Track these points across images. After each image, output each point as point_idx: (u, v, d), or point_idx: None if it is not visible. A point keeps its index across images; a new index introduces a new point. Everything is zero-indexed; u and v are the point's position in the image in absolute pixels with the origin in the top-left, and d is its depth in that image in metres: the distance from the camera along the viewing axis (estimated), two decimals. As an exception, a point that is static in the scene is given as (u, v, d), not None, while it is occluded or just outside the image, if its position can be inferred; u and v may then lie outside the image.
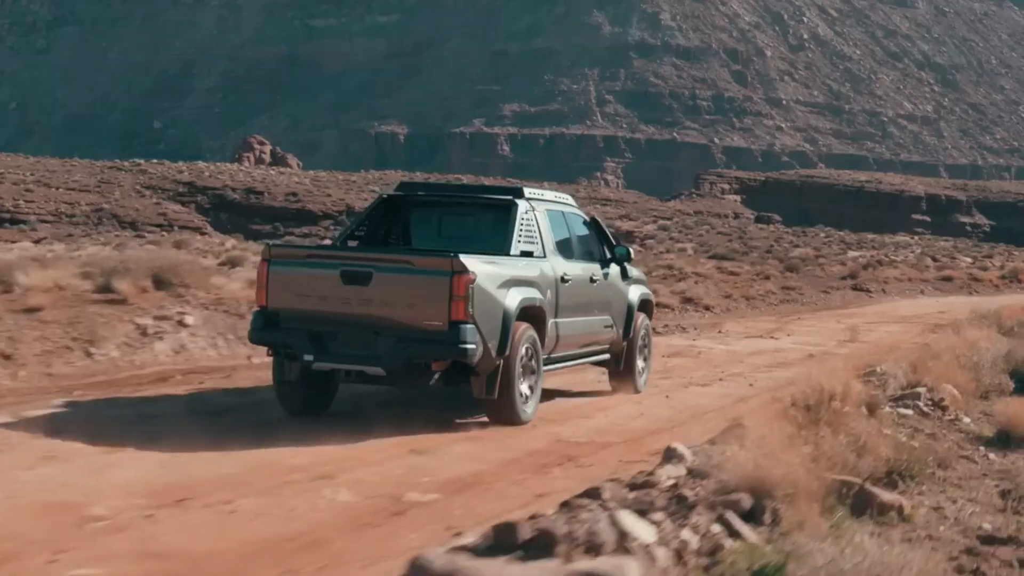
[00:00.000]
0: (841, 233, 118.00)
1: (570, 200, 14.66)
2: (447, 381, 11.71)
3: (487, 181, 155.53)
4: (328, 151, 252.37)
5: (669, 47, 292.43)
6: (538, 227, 12.98)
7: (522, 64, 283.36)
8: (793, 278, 47.21)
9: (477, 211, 13.78)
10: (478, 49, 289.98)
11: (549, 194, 14.16)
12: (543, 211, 13.29)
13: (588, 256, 14.17)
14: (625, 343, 14.79)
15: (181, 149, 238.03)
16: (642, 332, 15.20)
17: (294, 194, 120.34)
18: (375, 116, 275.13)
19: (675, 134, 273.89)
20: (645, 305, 15.59)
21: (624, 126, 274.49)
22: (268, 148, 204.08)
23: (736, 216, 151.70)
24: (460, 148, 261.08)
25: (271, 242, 16.27)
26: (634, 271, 15.42)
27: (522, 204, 12.94)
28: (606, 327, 14.37)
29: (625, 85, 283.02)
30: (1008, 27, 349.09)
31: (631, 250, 15.09)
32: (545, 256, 12.86)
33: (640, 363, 15.24)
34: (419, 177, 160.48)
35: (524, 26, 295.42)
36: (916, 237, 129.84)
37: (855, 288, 47.03)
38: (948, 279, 56.17)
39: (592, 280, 13.89)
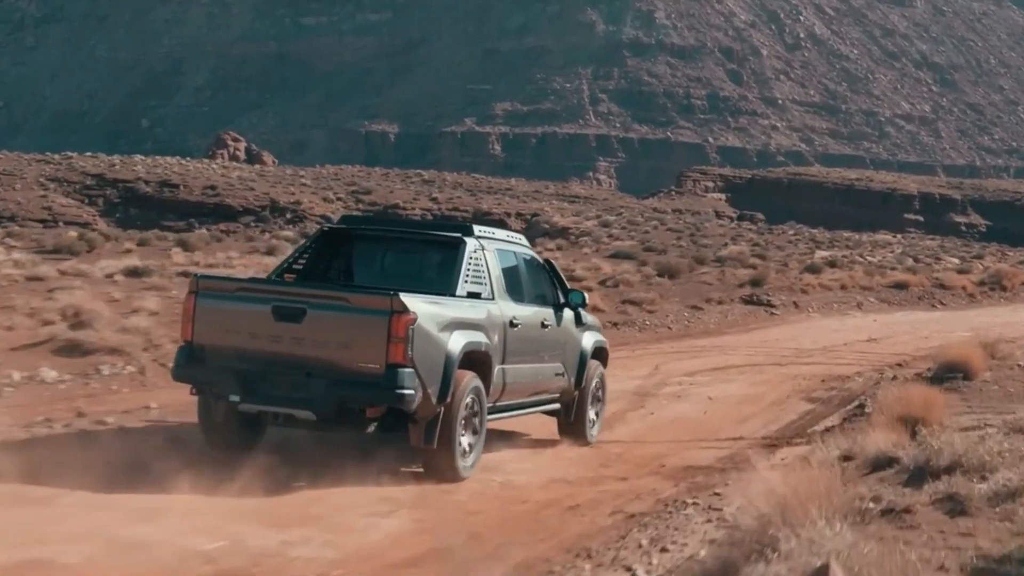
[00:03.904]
0: (814, 231, 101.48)
1: (523, 240, 13.48)
2: (383, 428, 10.61)
3: (478, 179, 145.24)
4: (317, 150, 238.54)
5: (663, 45, 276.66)
6: (487, 267, 11.85)
7: (514, 62, 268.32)
8: (662, 287, 30.40)
9: (423, 248, 12.64)
10: (470, 47, 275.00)
11: (501, 233, 13.03)
12: (493, 251, 12.13)
13: (540, 300, 12.91)
14: (577, 392, 13.43)
15: (168, 147, 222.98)
16: (595, 381, 13.87)
17: (212, 187, 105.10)
18: (365, 115, 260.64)
19: (669, 134, 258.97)
20: (599, 353, 14.12)
21: (617, 125, 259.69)
22: (243, 145, 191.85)
23: (718, 215, 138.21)
24: (451, 147, 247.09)
25: (199, 273, 13.00)
26: (588, 317, 14.04)
27: (471, 243, 11.85)
28: (557, 375, 13.07)
29: (619, 84, 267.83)
30: (1007, 27, 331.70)
31: (586, 296, 13.83)
32: (493, 298, 11.74)
33: (592, 414, 13.81)
34: (376, 173, 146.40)
35: (516, 24, 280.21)
36: (899, 236, 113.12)
37: (750, 301, 30.20)
38: (901, 286, 38.92)
39: (544, 325, 12.69)
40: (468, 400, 10.76)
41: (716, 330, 26.46)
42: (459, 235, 11.96)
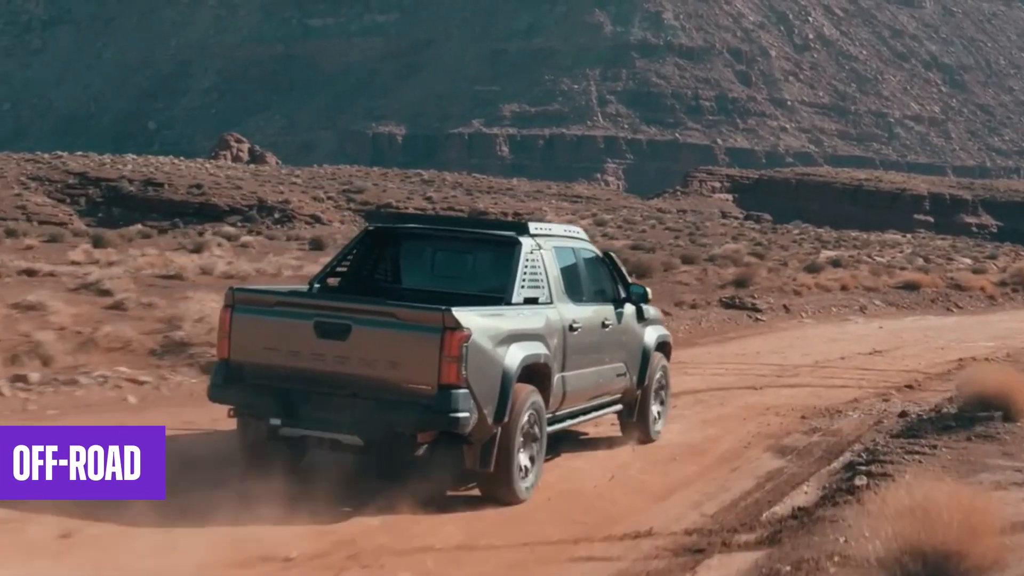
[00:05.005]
0: (820, 230, 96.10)
1: (581, 234, 12.26)
2: (436, 450, 9.39)
3: (483, 178, 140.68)
4: (324, 152, 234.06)
5: (672, 47, 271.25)
6: (544, 269, 10.76)
7: (522, 64, 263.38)
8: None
9: (476, 248, 11.46)
10: (477, 48, 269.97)
11: (557, 228, 11.84)
12: (550, 249, 11.03)
13: (600, 296, 11.88)
14: (639, 391, 12.49)
15: (175, 149, 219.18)
16: (658, 375, 12.93)
17: (198, 186, 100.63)
18: (372, 116, 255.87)
19: (677, 135, 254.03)
20: (662, 347, 13.14)
21: (625, 127, 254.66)
22: (246, 146, 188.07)
23: (724, 215, 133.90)
24: (458, 149, 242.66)
25: (235, 286, 10.38)
26: (651, 310, 13.00)
27: (526, 243, 10.72)
28: (619, 375, 12.08)
29: (627, 85, 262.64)
30: (1017, 27, 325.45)
31: (648, 290, 12.74)
32: (552, 302, 10.68)
33: (655, 411, 12.90)
34: (374, 173, 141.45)
35: (524, 25, 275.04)
36: (909, 236, 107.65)
37: (730, 305, 24.89)
38: (912, 287, 33.47)
39: (604, 325, 11.60)
40: (527, 417, 9.77)
41: (684, 340, 21.15)
42: (514, 234, 10.89)
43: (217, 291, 19.73)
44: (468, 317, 9.11)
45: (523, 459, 9.82)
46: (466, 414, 9.01)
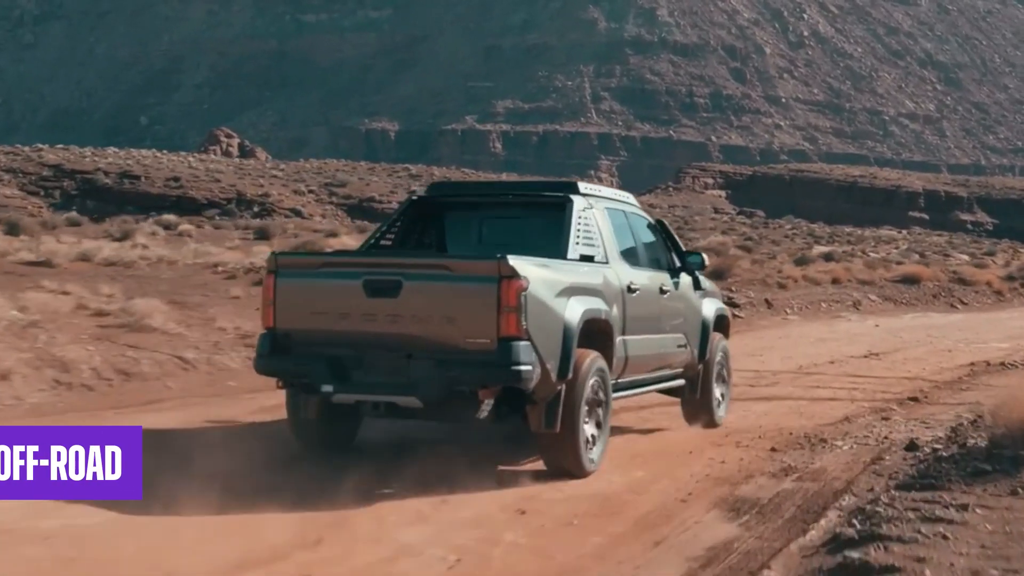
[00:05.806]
0: (814, 226, 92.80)
1: (632, 199, 11.79)
2: (499, 412, 8.80)
3: (482, 176, 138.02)
4: (317, 147, 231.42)
5: (666, 43, 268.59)
6: (598, 228, 10.22)
7: (516, 60, 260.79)
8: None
9: (524, 212, 11.00)
10: (471, 44, 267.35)
11: (608, 191, 11.25)
12: (602, 209, 10.46)
13: (655, 263, 11.27)
14: (701, 366, 11.74)
15: (167, 144, 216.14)
16: (719, 355, 12.17)
17: (176, 179, 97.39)
18: (366, 112, 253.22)
19: (671, 132, 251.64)
20: (721, 321, 12.44)
21: (619, 124, 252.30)
22: (236, 141, 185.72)
23: (717, 211, 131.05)
24: (451, 145, 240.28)
25: (277, 251, 10.50)
26: (706, 282, 12.33)
27: (578, 201, 10.16)
28: (679, 347, 11.36)
29: (621, 82, 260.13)
30: (1012, 25, 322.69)
31: (705, 257, 12.07)
32: (608, 262, 10.05)
33: (718, 392, 12.11)
34: (361, 167, 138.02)
35: (518, 21, 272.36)
36: (905, 232, 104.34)
37: (703, 300, 21.09)
38: (912, 280, 29.84)
39: (662, 291, 11.02)
40: (592, 382, 9.10)
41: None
42: (564, 194, 10.21)
43: (26, 279, 16.25)
44: (525, 266, 8.52)
45: (589, 429, 9.19)
46: (528, 367, 8.40)
